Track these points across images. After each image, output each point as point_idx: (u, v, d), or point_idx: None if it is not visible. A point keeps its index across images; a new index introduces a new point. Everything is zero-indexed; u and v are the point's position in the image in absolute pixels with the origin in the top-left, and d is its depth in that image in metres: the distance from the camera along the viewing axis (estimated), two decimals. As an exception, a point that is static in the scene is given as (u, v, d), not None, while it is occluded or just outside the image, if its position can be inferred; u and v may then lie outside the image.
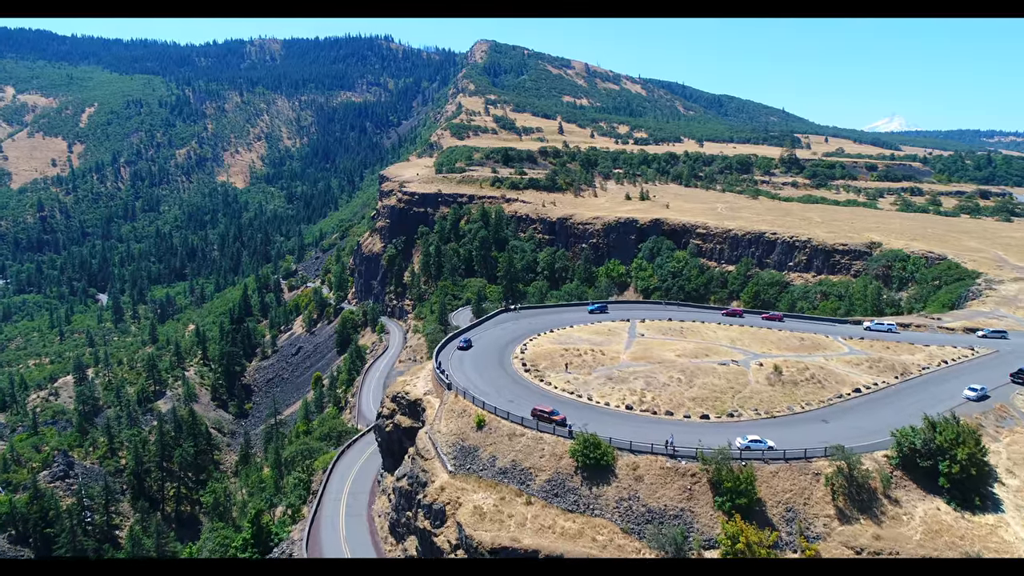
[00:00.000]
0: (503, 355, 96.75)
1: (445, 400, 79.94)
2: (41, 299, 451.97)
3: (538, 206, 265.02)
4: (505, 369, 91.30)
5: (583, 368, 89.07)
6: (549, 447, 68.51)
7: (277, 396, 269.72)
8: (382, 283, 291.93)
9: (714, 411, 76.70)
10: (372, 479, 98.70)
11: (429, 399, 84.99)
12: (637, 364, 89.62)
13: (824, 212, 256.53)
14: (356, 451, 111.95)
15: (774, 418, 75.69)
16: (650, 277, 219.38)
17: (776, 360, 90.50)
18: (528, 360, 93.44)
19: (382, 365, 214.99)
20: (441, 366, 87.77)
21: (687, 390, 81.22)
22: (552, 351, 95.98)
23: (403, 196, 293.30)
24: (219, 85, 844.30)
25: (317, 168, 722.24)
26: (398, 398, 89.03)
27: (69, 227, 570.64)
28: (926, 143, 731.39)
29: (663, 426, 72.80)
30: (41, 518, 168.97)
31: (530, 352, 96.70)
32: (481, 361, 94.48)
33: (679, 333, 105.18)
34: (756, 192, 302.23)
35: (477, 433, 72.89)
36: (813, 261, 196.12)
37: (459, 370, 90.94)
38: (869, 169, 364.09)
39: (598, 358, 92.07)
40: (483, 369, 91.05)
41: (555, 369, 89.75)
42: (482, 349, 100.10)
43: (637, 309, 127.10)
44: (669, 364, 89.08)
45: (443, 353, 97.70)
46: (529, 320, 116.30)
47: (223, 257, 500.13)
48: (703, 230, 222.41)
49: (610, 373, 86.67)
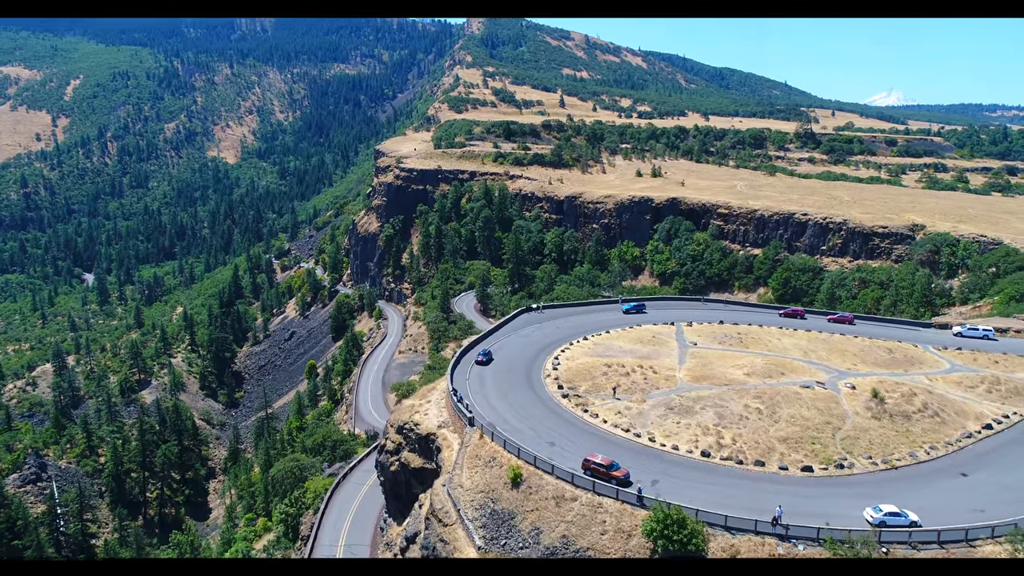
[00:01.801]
0: (532, 372, 78.73)
1: (467, 440, 61.96)
2: (24, 279, 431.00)
3: (544, 183, 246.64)
4: (536, 392, 73.28)
5: (634, 392, 71.10)
6: (612, 519, 50.76)
7: (269, 385, 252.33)
8: (379, 265, 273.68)
9: (816, 459, 59.01)
10: (373, 524, 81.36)
11: (445, 435, 66.93)
12: (700, 387, 71.73)
13: (851, 190, 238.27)
14: (355, 480, 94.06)
15: (895, 469, 58.23)
16: (667, 261, 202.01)
17: (870, 381, 72.78)
18: (564, 379, 75.42)
19: (380, 356, 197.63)
20: (458, 393, 69.56)
21: (772, 426, 63.43)
22: (591, 366, 77.95)
23: (400, 172, 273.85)
24: (209, 57, 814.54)
25: (310, 143, 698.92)
26: (406, 430, 70.97)
27: (54, 204, 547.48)
28: (931, 117, 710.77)
29: (756, 484, 55.28)
30: (8, 528, 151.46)
31: (564, 368, 78.65)
32: (506, 381, 76.47)
33: (738, 341, 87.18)
34: (772, 168, 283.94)
35: (512, 492, 55.06)
36: (849, 245, 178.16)
37: (480, 394, 72.91)
38: (888, 144, 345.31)
39: (650, 377, 74.06)
40: (509, 393, 73.09)
41: (599, 393, 71.75)
42: (505, 363, 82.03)
43: (677, 308, 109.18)
44: (739, 387, 71.28)
45: (459, 370, 79.32)
46: (555, 323, 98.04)
47: (213, 235, 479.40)
48: (725, 210, 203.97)
49: (669, 400, 68.77)
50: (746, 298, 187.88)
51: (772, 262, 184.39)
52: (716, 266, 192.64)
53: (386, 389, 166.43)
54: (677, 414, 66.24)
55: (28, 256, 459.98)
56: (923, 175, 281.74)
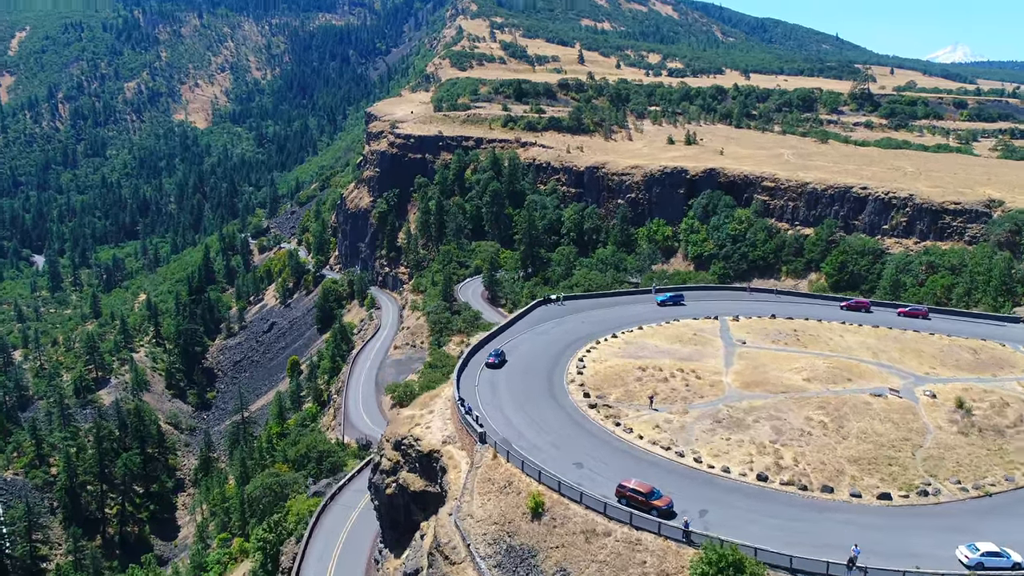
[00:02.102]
0: (553, 376, 76.36)
1: (477, 460, 59.72)
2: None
3: (561, 152, 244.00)
4: (559, 401, 70.90)
5: (674, 402, 68.68)
6: (653, 559, 48.47)
7: (245, 384, 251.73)
8: (371, 246, 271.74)
9: (894, 484, 56.53)
10: (366, 556, 79.40)
11: (451, 452, 64.71)
12: (752, 395, 69.24)
13: (915, 160, 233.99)
14: (344, 501, 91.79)
15: (989, 497, 55.79)
16: (704, 242, 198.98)
17: (953, 388, 70.18)
18: (591, 386, 73.03)
19: (373, 351, 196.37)
20: (465, 403, 67.19)
21: (839, 443, 60.94)
22: (622, 370, 75.53)
23: (395, 139, 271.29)
24: (174, 6, 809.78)
25: (292, 104, 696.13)
26: (404, 446, 68.76)
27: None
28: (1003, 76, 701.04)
29: (825, 515, 53.02)
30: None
31: (591, 371, 76.28)
32: (522, 387, 74.10)
33: (794, 339, 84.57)
34: (824, 135, 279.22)
35: (533, 525, 52.82)
36: (916, 223, 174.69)
37: (492, 403, 70.59)
38: (957, 107, 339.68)
39: (692, 384, 71.63)
40: (527, 402, 70.71)
41: (633, 403, 69.32)
42: (521, 365, 79.66)
43: (720, 299, 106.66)
44: (799, 395, 68.73)
45: (466, 373, 76.93)
46: (578, 317, 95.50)
47: (181, 211, 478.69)
48: (771, 183, 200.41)
49: (716, 411, 66.33)
50: (795, 285, 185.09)
51: (826, 243, 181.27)
52: (760, 248, 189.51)
53: (380, 390, 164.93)
54: (726, 428, 63.77)
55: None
56: (998, 142, 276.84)
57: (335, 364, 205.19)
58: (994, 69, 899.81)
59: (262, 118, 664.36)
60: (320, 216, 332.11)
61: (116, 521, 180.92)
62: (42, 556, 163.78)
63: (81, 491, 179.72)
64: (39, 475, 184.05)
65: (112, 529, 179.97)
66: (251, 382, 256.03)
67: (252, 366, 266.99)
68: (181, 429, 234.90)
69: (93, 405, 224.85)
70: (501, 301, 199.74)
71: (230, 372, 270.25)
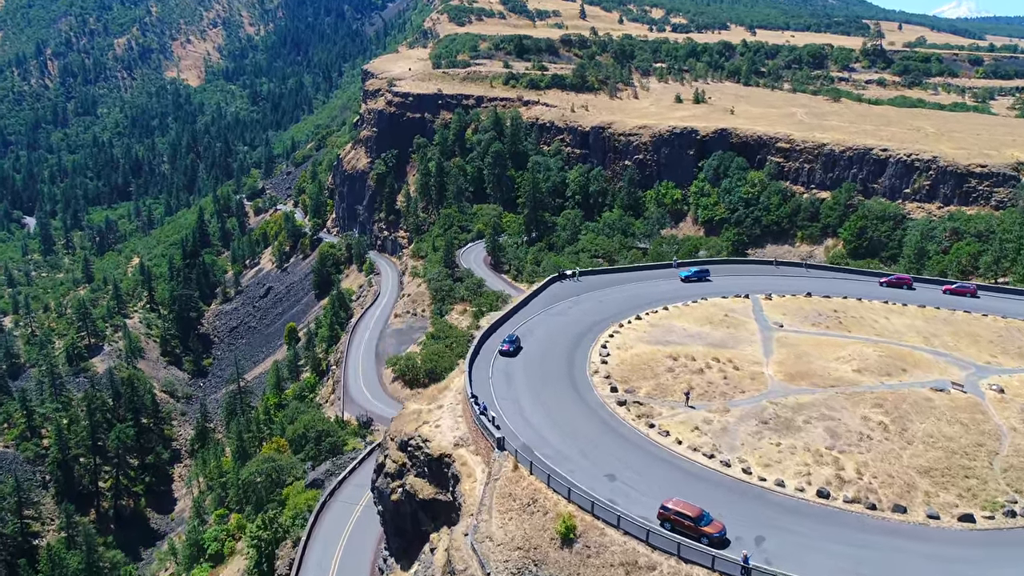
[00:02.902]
0: (574, 365, 68.76)
1: (496, 470, 52.23)
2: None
3: (565, 111, 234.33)
4: (583, 396, 63.31)
5: (713, 397, 61.17)
6: (708, 600, 41.04)
7: (241, 351, 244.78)
8: (369, 209, 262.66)
9: (975, 502, 49.27)
10: (369, 562, 72.45)
11: (464, 457, 57.19)
12: (798, 389, 61.73)
13: (933, 119, 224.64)
14: (345, 496, 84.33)
15: (1086, 517, 48.14)
16: (715, 206, 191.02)
17: (1021, 380, 62.44)
18: (617, 377, 65.42)
19: (372, 320, 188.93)
20: (480, 402, 59.49)
21: (904, 449, 53.56)
22: (651, 358, 67.92)
23: (393, 98, 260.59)
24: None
25: (286, 61, 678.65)
26: (411, 447, 61.21)
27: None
28: (1010, 31, 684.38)
29: (900, 542, 45.84)
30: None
31: (616, 360, 68.61)
32: (541, 379, 66.50)
33: (835, 322, 76.86)
34: (836, 93, 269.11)
35: (563, 553, 45.53)
36: (939, 187, 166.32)
37: (508, 399, 63.02)
38: (972, 64, 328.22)
39: (730, 376, 64.03)
40: (547, 397, 63.15)
41: (666, 398, 61.77)
42: (537, 352, 71.98)
43: (746, 275, 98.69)
44: (850, 390, 61.30)
45: (478, 362, 69.12)
46: (596, 295, 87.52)
47: (175, 172, 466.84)
48: (785, 144, 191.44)
49: (761, 409, 58.82)
50: (811, 251, 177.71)
51: (843, 208, 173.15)
52: (774, 212, 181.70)
53: (381, 362, 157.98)
54: (774, 431, 56.26)
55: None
56: (1016, 100, 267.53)
57: (333, 332, 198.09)
58: (1001, 24, 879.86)
59: (256, 75, 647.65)
60: (316, 177, 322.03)
61: (110, 495, 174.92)
62: (33, 533, 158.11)
63: (74, 464, 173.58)
64: (30, 448, 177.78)
65: (106, 503, 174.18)
66: (248, 349, 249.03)
67: (249, 332, 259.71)
68: (177, 397, 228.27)
69: (86, 373, 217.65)
70: (505, 267, 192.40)
71: (226, 339, 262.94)
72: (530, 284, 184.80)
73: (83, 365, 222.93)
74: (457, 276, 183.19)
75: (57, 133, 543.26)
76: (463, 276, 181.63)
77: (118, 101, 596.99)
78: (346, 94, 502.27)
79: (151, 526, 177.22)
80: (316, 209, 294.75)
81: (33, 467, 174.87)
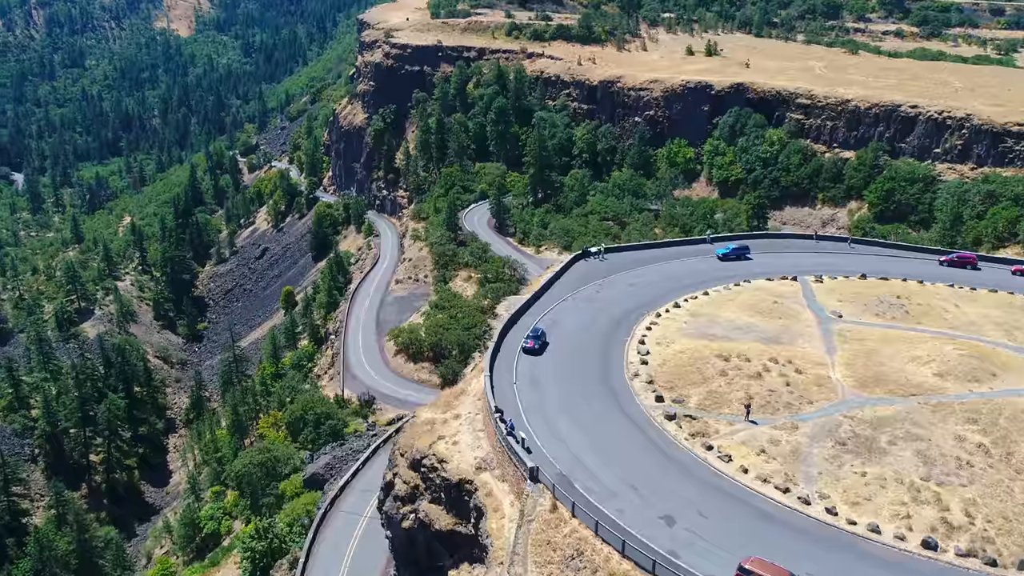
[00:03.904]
0: (610, 366, 59.68)
1: (530, 509, 43.36)
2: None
3: (572, 64, 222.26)
4: (624, 407, 54.32)
5: (775, 408, 52.25)
6: None
7: (237, 315, 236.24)
8: (367, 167, 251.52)
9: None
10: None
11: (489, 485, 48.26)
12: (874, 399, 52.87)
13: (959, 74, 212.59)
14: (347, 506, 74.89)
15: None
16: (731, 165, 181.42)
17: None
18: (661, 382, 56.36)
19: (372, 286, 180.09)
20: (507, 420, 50.22)
21: (1013, 480, 44.99)
22: (696, 356, 58.95)
23: (391, 50, 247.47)
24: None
25: (279, 11, 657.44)
26: (425, 468, 52.21)
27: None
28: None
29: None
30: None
31: (657, 359, 59.53)
32: (573, 385, 57.44)
33: (900, 311, 67.74)
34: (854, 45, 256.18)
35: (620, 623, 36.56)
36: (972, 147, 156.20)
37: (536, 410, 54.05)
38: (994, 13, 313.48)
39: (793, 381, 55.00)
40: (583, 409, 54.15)
41: (721, 410, 52.86)
42: (566, 349, 62.85)
43: (785, 251, 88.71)
44: (935, 399, 52.53)
45: (499, 362, 59.61)
46: (625, 277, 77.95)
47: (166, 126, 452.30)
48: (806, 100, 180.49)
49: (835, 426, 49.93)
50: (833, 214, 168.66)
51: (869, 168, 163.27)
52: (794, 173, 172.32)
53: (382, 333, 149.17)
54: (856, 455, 47.38)
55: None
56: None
57: (332, 298, 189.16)
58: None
59: (248, 26, 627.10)
60: (312, 133, 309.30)
61: (102, 468, 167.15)
62: (22, 511, 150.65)
63: (63, 437, 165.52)
64: (18, 420, 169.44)
65: (99, 477, 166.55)
66: (243, 312, 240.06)
67: (244, 295, 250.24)
68: (171, 363, 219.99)
69: (76, 339, 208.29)
70: (510, 230, 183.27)
71: (221, 301, 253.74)
72: (537, 248, 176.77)
73: (73, 330, 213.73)
74: (460, 240, 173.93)
75: (44, 86, 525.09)
76: (467, 240, 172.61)
77: (107, 52, 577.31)
78: (341, 45, 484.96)
79: (146, 500, 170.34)
80: (312, 167, 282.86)
81: (21, 440, 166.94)
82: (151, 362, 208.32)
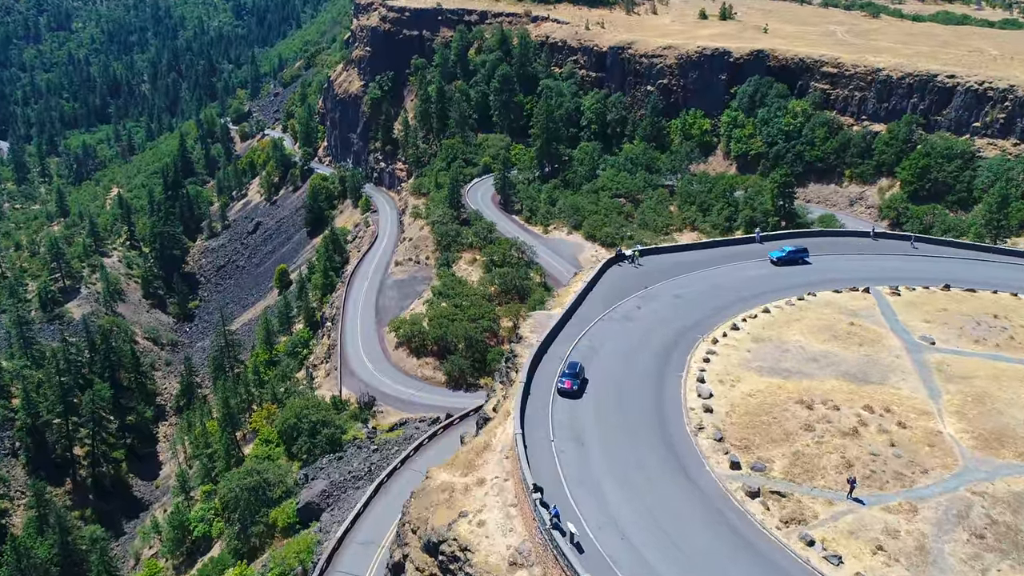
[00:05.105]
0: (666, 415, 48.01)
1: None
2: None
3: (579, 28, 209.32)
4: (692, 476, 42.86)
5: (883, 480, 41.28)
6: None
7: (229, 293, 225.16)
8: (364, 137, 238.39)
9: None
10: None
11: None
12: (1004, 465, 41.89)
13: (990, 39, 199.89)
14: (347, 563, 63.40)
15: None
16: (750, 138, 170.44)
17: None
18: (733, 438, 45.15)
19: (371, 267, 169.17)
20: (545, 500, 38.91)
21: None
22: (770, 399, 47.80)
23: (388, 13, 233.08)
24: None
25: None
26: (443, 554, 41.00)
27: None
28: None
29: None
30: None
31: (723, 405, 48.22)
32: (624, 442, 45.81)
33: (1003, 334, 56.57)
34: (874, 8, 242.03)
35: None
36: (1016, 121, 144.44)
37: (582, 483, 42.58)
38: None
39: (896, 438, 43.96)
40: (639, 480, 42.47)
41: (812, 479, 41.89)
42: (610, 390, 51.10)
43: (840, 251, 76.79)
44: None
45: (531, 407, 48.15)
46: (667, 287, 65.88)
47: (155, 92, 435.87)
48: (832, 68, 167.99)
49: (965, 507, 39.06)
50: (861, 192, 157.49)
51: (902, 143, 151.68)
52: (819, 147, 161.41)
53: (382, 322, 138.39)
54: (999, 553, 36.54)
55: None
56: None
57: (328, 279, 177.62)
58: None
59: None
60: (306, 100, 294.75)
61: (87, 462, 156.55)
62: (2, 510, 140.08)
63: (45, 429, 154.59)
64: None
65: (84, 471, 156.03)
66: (236, 291, 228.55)
67: (237, 272, 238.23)
68: (161, 344, 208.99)
69: (60, 320, 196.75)
70: (516, 206, 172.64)
71: (213, 278, 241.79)
72: (545, 227, 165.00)
73: (57, 311, 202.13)
74: (464, 218, 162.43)
75: (30, 50, 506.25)
76: (471, 218, 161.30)
77: (94, 15, 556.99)
78: (336, 8, 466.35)
79: (134, 494, 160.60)
80: (306, 136, 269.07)
81: (1, 432, 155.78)
82: (140, 344, 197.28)
